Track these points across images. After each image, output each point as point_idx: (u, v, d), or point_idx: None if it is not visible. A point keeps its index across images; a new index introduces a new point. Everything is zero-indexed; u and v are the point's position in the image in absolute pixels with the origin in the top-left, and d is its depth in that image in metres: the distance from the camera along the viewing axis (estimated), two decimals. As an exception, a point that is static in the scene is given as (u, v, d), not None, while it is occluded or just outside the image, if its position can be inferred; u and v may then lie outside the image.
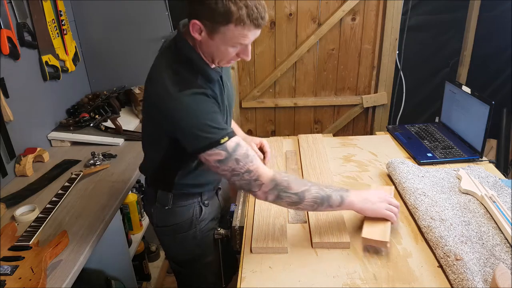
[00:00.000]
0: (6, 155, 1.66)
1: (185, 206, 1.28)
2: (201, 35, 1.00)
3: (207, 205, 1.33)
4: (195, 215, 1.29)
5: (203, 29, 0.98)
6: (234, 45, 1.00)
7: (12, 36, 1.66)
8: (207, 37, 1.00)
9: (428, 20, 2.38)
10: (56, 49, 2.00)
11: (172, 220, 1.29)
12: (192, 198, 1.29)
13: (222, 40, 0.99)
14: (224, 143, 1.00)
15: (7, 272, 1.12)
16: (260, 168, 1.04)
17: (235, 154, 1.01)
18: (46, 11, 1.91)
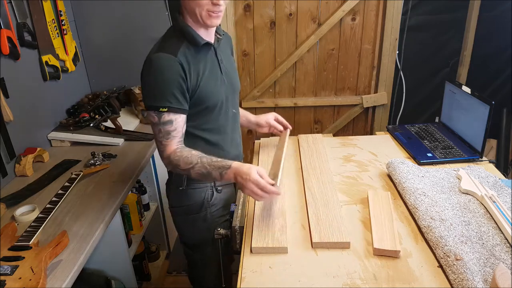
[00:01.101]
0: (6, 155, 1.66)
1: (198, 189, 1.36)
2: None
3: (220, 191, 1.39)
4: (206, 198, 1.37)
5: None
6: None
7: (12, 36, 1.66)
8: None
9: (428, 20, 2.38)
10: (56, 49, 2.00)
11: (184, 201, 1.37)
12: (204, 183, 1.35)
13: None
14: (161, 111, 1.14)
15: (7, 272, 1.12)
16: (167, 146, 1.19)
17: (162, 126, 1.17)
18: (46, 11, 1.91)
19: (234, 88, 1.36)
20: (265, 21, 2.40)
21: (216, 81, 1.25)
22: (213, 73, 1.24)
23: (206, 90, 1.22)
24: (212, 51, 1.26)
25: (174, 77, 1.14)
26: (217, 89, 1.26)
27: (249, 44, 2.46)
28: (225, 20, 2.32)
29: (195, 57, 1.19)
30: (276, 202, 1.28)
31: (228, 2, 2.27)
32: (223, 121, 1.32)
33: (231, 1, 2.30)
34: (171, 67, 1.13)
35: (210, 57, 1.25)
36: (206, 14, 1.14)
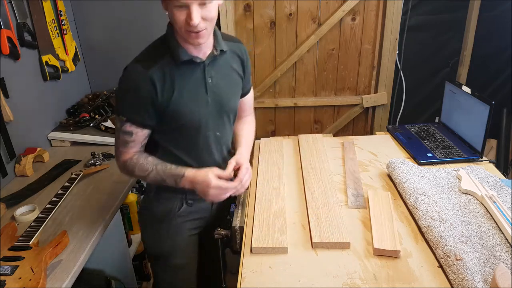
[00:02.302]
0: (6, 155, 1.66)
1: (167, 198, 1.30)
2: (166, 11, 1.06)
3: (191, 204, 1.32)
4: (174, 208, 1.31)
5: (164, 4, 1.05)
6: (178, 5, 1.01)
7: (12, 36, 1.66)
8: (167, 10, 1.05)
9: (428, 20, 2.37)
10: (56, 49, 2.00)
11: (151, 208, 1.33)
12: (174, 193, 1.29)
13: (169, 5, 1.02)
14: (123, 120, 1.13)
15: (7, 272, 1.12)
16: (123, 153, 1.18)
17: (122, 134, 1.15)
18: (46, 11, 1.91)
19: (222, 110, 1.23)
20: (265, 21, 2.39)
21: (195, 101, 1.16)
22: (193, 92, 1.16)
23: (179, 110, 1.14)
24: (200, 68, 1.16)
25: (141, 92, 1.10)
26: (194, 109, 1.17)
27: (249, 44, 2.45)
28: (225, 20, 2.32)
29: (174, 72, 1.13)
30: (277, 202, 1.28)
31: (228, 2, 2.28)
32: (201, 143, 1.23)
33: (231, 1, 2.29)
34: (140, 82, 1.10)
35: (194, 74, 1.16)
36: (187, 34, 1.06)
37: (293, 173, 1.49)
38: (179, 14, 1.02)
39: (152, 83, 1.10)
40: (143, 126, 1.15)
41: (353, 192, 1.33)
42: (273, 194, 1.33)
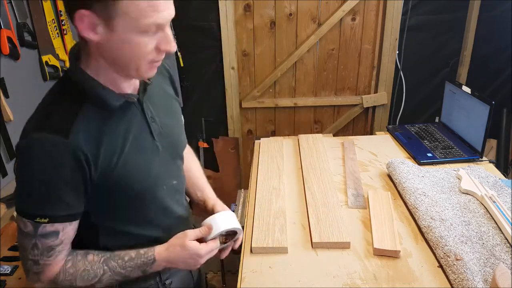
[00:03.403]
0: (6, 155, 1.66)
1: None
2: (97, 32, 0.71)
3: (169, 285, 0.99)
4: None
5: (96, 19, 0.69)
6: (145, 29, 0.71)
7: (12, 36, 1.66)
8: (105, 30, 0.70)
9: (428, 20, 2.37)
10: (56, 49, 2.00)
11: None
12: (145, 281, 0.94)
13: (126, 25, 0.70)
14: (37, 222, 0.76)
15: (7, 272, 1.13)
16: (51, 265, 0.81)
17: (39, 239, 0.77)
18: (46, 11, 1.91)
19: (175, 151, 0.97)
20: (265, 21, 2.39)
21: (143, 154, 0.86)
22: (139, 144, 0.84)
23: (126, 177, 0.82)
24: (137, 108, 0.85)
25: (65, 174, 0.75)
26: (146, 168, 0.86)
27: (249, 44, 2.46)
28: (225, 20, 2.32)
29: (106, 126, 0.79)
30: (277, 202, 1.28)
31: (228, 2, 2.28)
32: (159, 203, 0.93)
33: (231, 1, 2.30)
34: (59, 159, 0.74)
35: (133, 118, 0.84)
36: (148, 67, 0.77)
37: (293, 173, 1.49)
38: (148, 41, 0.73)
39: (81, 154, 0.75)
40: (72, 218, 0.79)
41: (353, 192, 1.33)
42: (273, 194, 1.33)
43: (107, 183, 0.81)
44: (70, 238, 0.82)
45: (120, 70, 0.78)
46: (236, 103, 2.56)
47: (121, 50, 0.73)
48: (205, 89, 2.52)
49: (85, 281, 0.83)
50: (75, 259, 0.83)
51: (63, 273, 0.82)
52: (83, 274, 0.83)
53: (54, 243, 0.79)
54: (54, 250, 0.79)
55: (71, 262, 0.83)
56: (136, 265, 0.86)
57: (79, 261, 0.83)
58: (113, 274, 0.84)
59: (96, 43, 0.73)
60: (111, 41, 0.72)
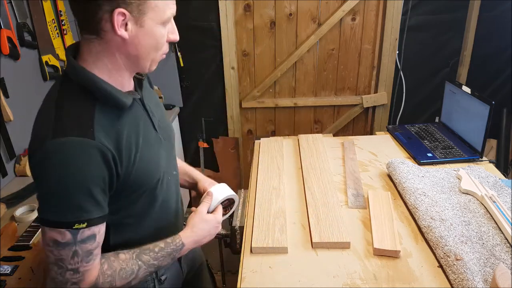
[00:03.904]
0: (6, 155, 1.66)
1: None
2: (127, 29, 0.75)
3: (163, 281, 1.02)
4: None
5: (128, 17, 0.74)
6: (167, 20, 0.79)
7: (12, 36, 1.66)
8: (134, 27, 0.76)
9: (428, 20, 2.37)
10: (56, 49, 2.00)
11: None
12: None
13: (154, 19, 0.77)
14: (76, 229, 0.75)
15: (7, 272, 1.13)
16: (90, 271, 0.80)
17: (80, 246, 0.77)
18: (46, 11, 1.91)
19: (171, 140, 1.00)
20: (265, 21, 2.40)
21: (153, 148, 0.89)
22: (148, 138, 0.87)
23: (145, 169, 0.85)
24: (140, 105, 0.89)
25: (95, 174, 0.75)
26: (156, 159, 0.90)
27: (249, 44, 2.46)
28: (225, 20, 2.32)
29: (119, 124, 0.81)
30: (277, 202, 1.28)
31: (228, 2, 2.28)
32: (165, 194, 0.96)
33: (231, 1, 2.30)
34: (89, 161, 0.74)
35: (138, 114, 0.87)
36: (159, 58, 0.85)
37: (293, 173, 1.49)
38: (164, 31, 0.80)
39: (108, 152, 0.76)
40: (103, 219, 0.80)
41: (353, 192, 1.33)
42: (273, 194, 1.33)
43: (128, 180, 0.82)
44: (102, 240, 0.83)
45: (136, 65, 0.82)
46: (236, 103, 2.56)
47: (145, 44, 0.78)
48: (205, 89, 2.52)
49: (123, 280, 0.84)
50: (109, 261, 0.84)
51: (102, 275, 0.82)
52: (121, 273, 0.84)
53: (92, 246, 0.79)
54: (93, 254, 0.79)
55: (107, 264, 0.83)
56: (167, 253, 0.90)
57: (114, 262, 0.84)
58: (147, 267, 0.87)
59: (122, 41, 0.76)
60: (138, 37, 0.77)
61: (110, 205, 0.82)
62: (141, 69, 0.84)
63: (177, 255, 0.93)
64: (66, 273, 0.78)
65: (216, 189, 1.06)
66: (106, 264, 0.83)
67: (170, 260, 0.91)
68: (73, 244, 0.76)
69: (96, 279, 0.81)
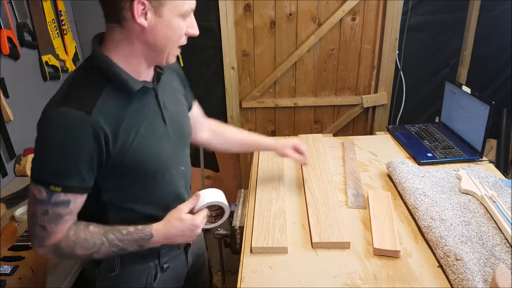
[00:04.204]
0: (6, 155, 1.66)
1: (137, 272, 1.02)
2: (147, 18, 0.81)
3: (166, 269, 1.05)
4: (148, 282, 1.03)
5: (147, 7, 0.79)
6: (185, 13, 0.84)
7: (12, 36, 1.66)
8: (154, 17, 0.81)
9: (428, 20, 2.37)
10: (56, 49, 2.00)
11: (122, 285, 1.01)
12: (146, 261, 1.02)
13: (172, 10, 0.82)
14: (52, 190, 0.81)
15: (7, 272, 1.13)
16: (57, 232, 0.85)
17: (51, 207, 0.82)
18: (46, 11, 1.91)
19: (183, 139, 1.03)
20: (265, 21, 2.39)
21: (156, 138, 0.93)
22: (152, 128, 0.92)
23: (140, 156, 0.89)
24: (152, 95, 0.93)
25: (83, 147, 0.80)
26: (158, 149, 0.93)
27: (249, 44, 2.46)
28: (225, 20, 2.32)
29: (125, 109, 0.86)
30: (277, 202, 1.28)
31: (228, 2, 2.28)
32: (168, 186, 0.99)
33: (231, 1, 2.30)
34: (80, 132, 0.79)
35: (148, 104, 0.92)
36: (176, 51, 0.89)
37: (293, 173, 1.49)
38: (184, 25, 0.85)
39: (100, 130, 0.81)
40: (83, 190, 0.85)
41: (353, 192, 1.33)
42: (273, 194, 1.33)
43: (122, 162, 0.87)
44: (78, 209, 0.88)
45: (154, 55, 0.87)
46: (236, 103, 2.56)
47: (163, 34, 0.83)
48: (205, 89, 2.52)
49: (83, 250, 0.88)
50: (78, 229, 0.88)
51: (65, 239, 0.87)
52: (84, 243, 0.87)
53: (64, 211, 0.84)
54: (63, 218, 0.85)
55: (73, 230, 0.88)
56: (134, 239, 0.90)
57: (81, 231, 0.88)
58: (110, 246, 0.89)
59: (141, 30, 0.82)
60: (156, 26, 0.82)
61: (106, 182, 0.89)
62: (159, 59, 0.89)
63: (146, 244, 0.92)
64: (36, 228, 0.85)
65: (207, 192, 1.00)
66: (73, 230, 0.87)
67: (137, 246, 0.92)
68: (47, 203, 0.82)
69: (59, 241, 0.86)
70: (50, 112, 0.81)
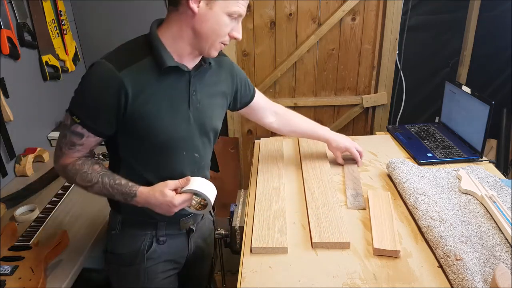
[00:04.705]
0: (6, 155, 1.66)
1: (134, 236, 1.13)
2: (199, 5, 0.91)
3: (162, 243, 1.15)
4: (142, 249, 1.13)
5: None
6: (232, 14, 0.93)
7: (12, 36, 1.66)
8: (205, 7, 0.91)
9: (428, 20, 2.37)
10: (56, 49, 2.00)
11: (116, 248, 1.15)
12: (143, 229, 1.13)
13: (222, 6, 0.92)
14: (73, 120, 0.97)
15: (7, 272, 1.13)
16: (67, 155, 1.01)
17: (69, 133, 0.98)
18: (46, 11, 1.91)
19: (204, 127, 1.09)
20: (265, 21, 2.39)
21: (174, 116, 1.02)
22: (174, 106, 1.01)
23: (154, 124, 0.99)
24: (185, 79, 1.02)
25: (105, 96, 0.94)
26: (172, 126, 1.02)
27: (249, 44, 2.46)
28: (225, 20, 2.32)
29: (154, 80, 0.97)
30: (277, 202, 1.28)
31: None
32: (176, 165, 1.07)
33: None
34: (107, 83, 0.93)
35: (177, 85, 1.01)
36: (218, 46, 0.98)
37: (293, 173, 1.49)
38: (229, 24, 0.95)
39: (123, 88, 0.93)
40: (97, 133, 0.99)
41: (352, 192, 1.33)
42: (273, 194, 1.33)
43: (134, 126, 0.98)
44: (90, 146, 1.02)
45: (197, 43, 0.97)
46: (236, 103, 2.55)
47: (209, 25, 0.93)
48: (205, 89, 2.52)
49: (81, 181, 1.01)
50: (85, 162, 1.02)
51: (72, 165, 1.01)
52: (83, 174, 1.01)
53: (77, 141, 0.99)
54: (75, 147, 1.00)
55: (82, 161, 1.02)
56: (120, 191, 1.00)
57: (86, 164, 1.02)
58: (102, 187, 1.01)
59: (192, 15, 0.92)
60: (205, 16, 0.92)
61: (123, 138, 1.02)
62: (201, 49, 0.98)
63: (129, 200, 1.01)
64: (57, 146, 1.02)
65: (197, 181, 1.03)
66: (81, 161, 1.02)
67: (122, 199, 1.01)
68: (68, 129, 0.98)
69: (67, 164, 1.02)
70: (94, 63, 0.95)
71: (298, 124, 1.42)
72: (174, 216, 1.06)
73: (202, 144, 1.11)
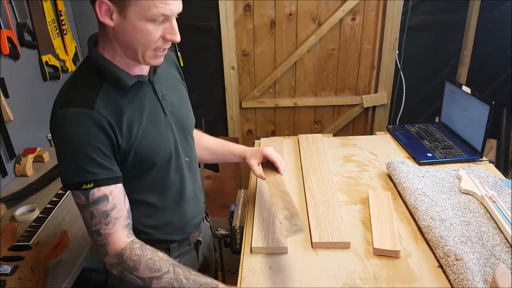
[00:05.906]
0: (6, 155, 1.66)
1: None
2: (112, 18, 0.81)
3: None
4: None
5: (112, 8, 0.79)
6: (153, 18, 0.80)
7: (12, 36, 1.66)
8: (119, 17, 0.80)
9: (428, 20, 2.37)
10: (56, 49, 2.00)
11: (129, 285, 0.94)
12: None
13: (137, 13, 0.79)
14: (86, 189, 0.83)
15: (7, 272, 1.12)
16: (112, 235, 0.86)
17: (94, 207, 0.84)
18: (46, 11, 1.91)
19: (185, 128, 1.04)
20: (265, 21, 2.39)
21: (159, 129, 0.95)
22: (154, 119, 0.93)
23: (147, 147, 0.91)
24: (150, 89, 0.95)
25: (93, 138, 0.83)
26: (162, 139, 0.95)
27: (249, 44, 2.46)
28: (225, 20, 2.32)
29: (124, 102, 0.88)
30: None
31: (228, 2, 2.28)
32: (175, 177, 1.01)
33: (231, 1, 2.30)
34: (87, 126, 0.82)
35: (146, 96, 0.93)
36: (152, 54, 0.86)
37: (293, 173, 1.49)
38: (155, 29, 0.83)
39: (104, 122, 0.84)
40: (114, 180, 0.86)
41: (285, 213, 1.01)
42: (273, 194, 1.32)
43: (131, 153, 0.89)
44: (122, 204, 0.88)
45: (130, 55, 0.87)
46: (236, 103, 2.56)
47: (131, 36, 0.82)
48: (205, 89, 2.52)
49: (147, 270, 0.85)
50: (144, 246, 0.88)
51: (129, 250, 0.86)
52: (149, 261, 0.86)
53: (107, 208, 0.85)
54: (110, 216, 0.85)
55: (139, 244, 0.88)
56: (199, 282, 0.88)
57: (148, 250, 0.88)
58: (173, 278, 0.86)
59: (111, 29, 0.83)
60: (123, 27, 0.81)
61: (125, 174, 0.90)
62: (136, 59, 0.88)
63: None
64: (93, 235, 0.87)
65: None
66: (138, 244, 0.88)
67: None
68: (88, 205, 0.84)
69: (123, 250, 0.85)
70: (56, 116, 0.84)
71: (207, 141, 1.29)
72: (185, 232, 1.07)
73: (188, 145, 1.06)
